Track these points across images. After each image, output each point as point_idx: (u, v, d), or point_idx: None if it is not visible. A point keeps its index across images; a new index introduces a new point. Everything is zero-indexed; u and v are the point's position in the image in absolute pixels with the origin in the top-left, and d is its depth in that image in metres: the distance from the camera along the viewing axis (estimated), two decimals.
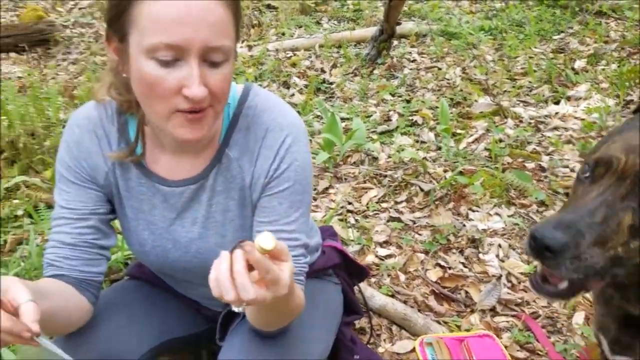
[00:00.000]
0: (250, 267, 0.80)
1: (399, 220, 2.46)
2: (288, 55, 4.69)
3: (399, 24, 4.28)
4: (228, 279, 0.79)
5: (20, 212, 2.62)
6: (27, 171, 2.98)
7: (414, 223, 2.44)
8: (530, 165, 2.80)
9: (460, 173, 2.65)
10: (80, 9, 6.36)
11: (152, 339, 1.30)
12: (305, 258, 1.15)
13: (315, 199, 2.65)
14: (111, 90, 1.08)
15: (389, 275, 2.14)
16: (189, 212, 1.16)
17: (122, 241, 2.08)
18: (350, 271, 1.58)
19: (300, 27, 5.31)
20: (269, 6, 5.76)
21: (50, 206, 2.55)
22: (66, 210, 1.14)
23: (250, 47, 4.88)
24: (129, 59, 0.96)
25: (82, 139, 1.13)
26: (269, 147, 1.11)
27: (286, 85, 4.15)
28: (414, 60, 4.33)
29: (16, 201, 2.72)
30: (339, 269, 1.52)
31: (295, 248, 1.11)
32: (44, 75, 4.56)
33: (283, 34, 5.12)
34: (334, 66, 4.41)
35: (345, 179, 2.84)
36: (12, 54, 5.05)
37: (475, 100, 3.51)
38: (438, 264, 2.18)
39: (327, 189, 2.76)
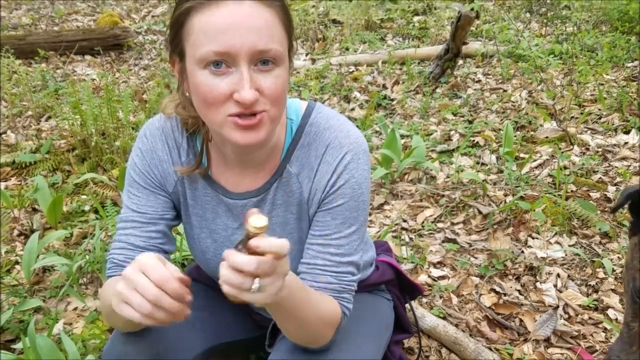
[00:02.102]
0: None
1: (454, 241, 2.42)
2: (350, 70, 4.72)
3: (465, 43, 4.23)
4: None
5: (87, 208, 2.75)
6: (95, 169, 3.13)
7: (470, 246, 2.39)
8: (596, 195, 2.70)
9: (522, 198, 2.58)
10: (153, 16, 6.65)
11: (205, 341, 1.33)
12: (353, 276, 1.14)
13: (370, 214, 2.64)
14: (179, 107, 1.14)
15: (441, 297, 2.10)
16: None
17: (180, 242, 2.14)
18: (403, 288, 1.57)
19: (364, 42, 5.34)
20: (334, 21, 5.83)
21: (115, 204, 2.66)
22: (136, 213, 1.18)
23: (313, 61, 4.94)
24: (188, 75, 1.00)
25: (155, 147, 1.18)
26: (328, 163, 1.12)
27: (347, 99, 4.18)
28: (478, 81, 4.27)
29: (84, 197, 2.85)
30: (392, 285, 1.51)
31: (341, 264, 1.12)
32: (116, 78, 4.78)
33: (347, 48, 5.16)
34: (396, 83, 4.41)
35: (402, 196, 2.82)
36: (88, 57, 5.33)
37: (541, 125, 3.42)
38: (493, 290, 2.13)
39: (382, 205, 2.75)
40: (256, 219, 0.80)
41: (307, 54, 5.24)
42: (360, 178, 1.12)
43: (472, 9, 3.86)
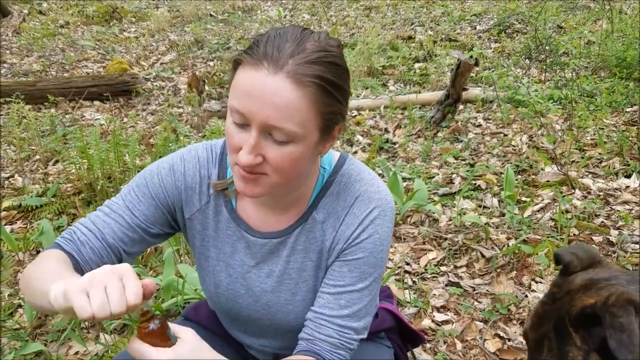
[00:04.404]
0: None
1: (458, 285, 2.41)
2: (353, 114, 4.80)
3: (465, 89, 4.31)
4: None
5: None
6: None
7: (474, 290, 2.39)
8: (598, 239, 2.70)
9: (524, 242, 2.58)
10: (162, 63, 6.81)
11: None
12: (356, 334, 1.14)
13: None
14: None
15: (445, 342, 2.08)
16: (267, 264, 1.21)
17: (182, 285, 2.14)
18: (405, 336, 1.56)
19: (367, 88, 5.45)
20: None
21: None
22: (128, 211, 1.16)
23: None
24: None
25: (187, 172, 1.20)
26: (355, 215, 1.14)
27: (350, 142, 4.24)
28: (479, 125, 4.33)
29: None
30: (392, 332, 1.51)
31: (347, 318, 1.13)
32: (124, 123, 4.87)
33: (350, 93, 5.26)
34: (398, 127, 4.47)
35: (404, 238, 2.83)
36: (96, 102, 5.44)
37: (542, 169, 3.45)
38: (497, 335, 2.11)
39: None
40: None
41: None
42: (383, 235, 1.14)
43: (471, 57, 3.96)
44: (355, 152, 4.05)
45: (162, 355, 0.87)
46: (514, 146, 3.85)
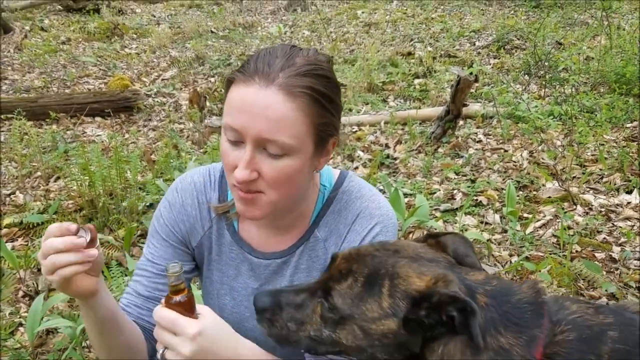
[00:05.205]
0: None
1: None
2: (354, 130, 4.82)
3: (465, 105, 4.33)
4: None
5: None
6: (102, 229, 3.15)
7: None
8: (601, 255, 2.70)
9: (527, 259, 2.58)
10: (163, 79, 6.84)
11: None
12: None
13: None
14: None
15: None
16: (271, 284, 1.21)
17: None
18: None
19: (367, 104, 5.47)
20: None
21: (120, 264, 2.66)
22: (150, 263, 1.21)
23: None
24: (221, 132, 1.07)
25: (185, 202, 1.21)
26: (357, 232, 1.14)
27: (350, 158, 4.24)
28: (479, 141, 4.34)
29: None
30: None
31: None
32: (126, 139, 4.88)
33: (350, 109, 5.28)
34: (399, 142, 4.48)
35: None
36: (98, 118, 5.46)
37: (543, 185, 3.45)
38: None
39: None
40: (171, 266, 0.91)
41: None
42: None
43: (471, 73, 3.98)
44: (356, 168, 4.06)
45: (191, 323, 0.92)
46: (514, 162, 3.86)
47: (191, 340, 0.90)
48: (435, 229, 2.98)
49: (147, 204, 3.24)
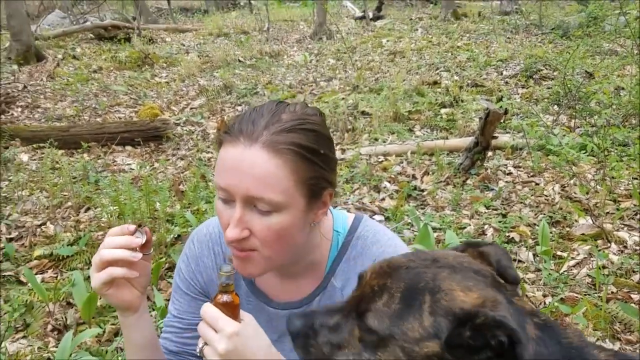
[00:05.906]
0: None
1: None
2: (379, 160, 4.80)
3: (494, 137, 4.29)
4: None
5: None
6: None
7: None
8: (637, 297, 2.61)
9: (562, 300, 2.50)
10: (191, 108, 6.95)
11: None
12: None
13: None
14: None
15: None
16: (288, 337, 1.18)
17: None
18: None
19: (393, 133, 5.45)
20: (363, 112, 6.01)
21: (148, 298, 2.66)
22: (176, 319, 1.22)
23: (343, 151, 5.05)
24: None
25: (201, 254, 1.22)
26: None
27: (377, 189, 4.21)
28: (509, 173, 4.28)
29: None
30: None
31: None
32: (154, 168, 4.94)
33: (376, 139, 5.27)
34: (426, 173, 4.44)
35: None
36: (128, 147, 5.55)
37: (576, 220, 3.37)
38: None
39: None
40: (224, 266, 0.94)
41: (336, 144, 5.36)
42: None
43: (500, 107, 3.94)
44: (383, 199, 4.02)
45: (231, 324, 0.93)
46: (546, 196, 3.78)
47: (228, 339, 0.91)
48: None
49: (175, 235, 3.25)
